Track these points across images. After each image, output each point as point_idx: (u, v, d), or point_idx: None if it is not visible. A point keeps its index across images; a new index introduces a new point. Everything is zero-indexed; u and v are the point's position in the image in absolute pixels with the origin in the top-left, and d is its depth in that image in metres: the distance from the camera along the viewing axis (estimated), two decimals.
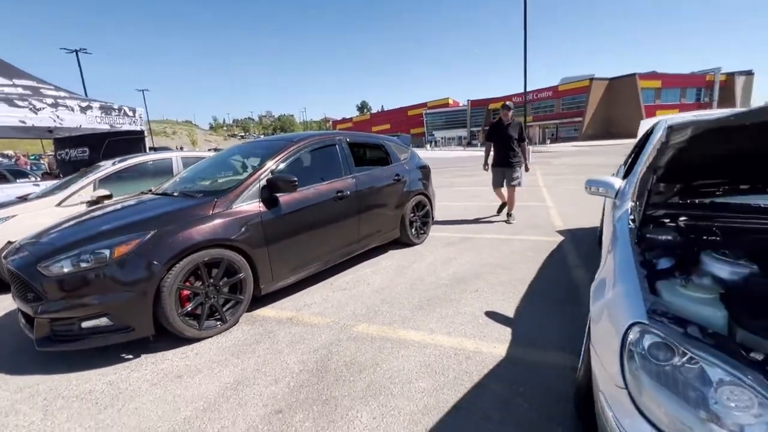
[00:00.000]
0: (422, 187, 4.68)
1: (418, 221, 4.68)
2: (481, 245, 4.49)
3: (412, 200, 4.51)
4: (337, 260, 3.60)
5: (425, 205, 4.75)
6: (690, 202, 1.86)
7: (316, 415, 1.79)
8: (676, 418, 0.96)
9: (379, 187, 4.04)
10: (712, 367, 0.99)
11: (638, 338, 1.12)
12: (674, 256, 1.52)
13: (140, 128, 7.61)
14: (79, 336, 2.27)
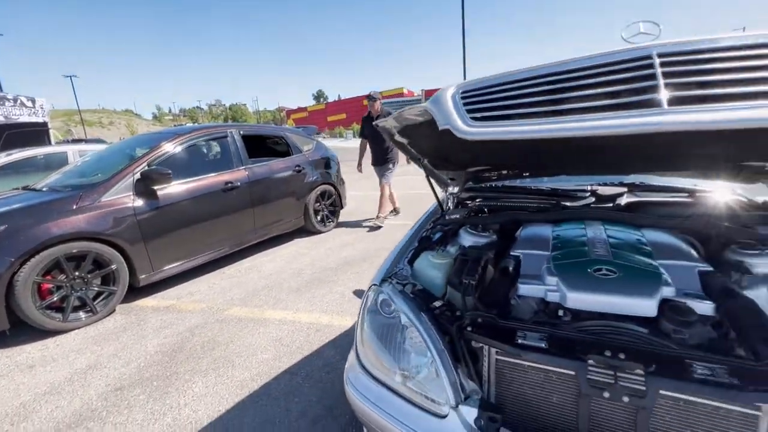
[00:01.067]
0: (327, 178, 4.88)
1: (324, 210, 4.88)
2: (382, 232, 4.78)
3: (317, 190, 4.69)
4: (230, 250, 3.72)
5: (331, 194, 4.95)
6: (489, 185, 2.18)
7: (153, 389, 1.95)
8: (382, 361, 1.23)
9: (278, 178, 4.18)
10: (402, 314, 1.26)
11: (368, 297, 1.38)
12: (445, 232, 1.82)
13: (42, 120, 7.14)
14: None
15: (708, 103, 0.59)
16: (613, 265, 1.26)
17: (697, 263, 1.25)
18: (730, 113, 0.55)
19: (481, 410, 1.01)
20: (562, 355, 0.98)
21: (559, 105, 0.72)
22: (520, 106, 0.77)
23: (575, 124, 0.68)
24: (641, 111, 0.63)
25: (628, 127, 0.62)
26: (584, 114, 0.69)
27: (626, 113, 0.64)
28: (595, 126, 0.65)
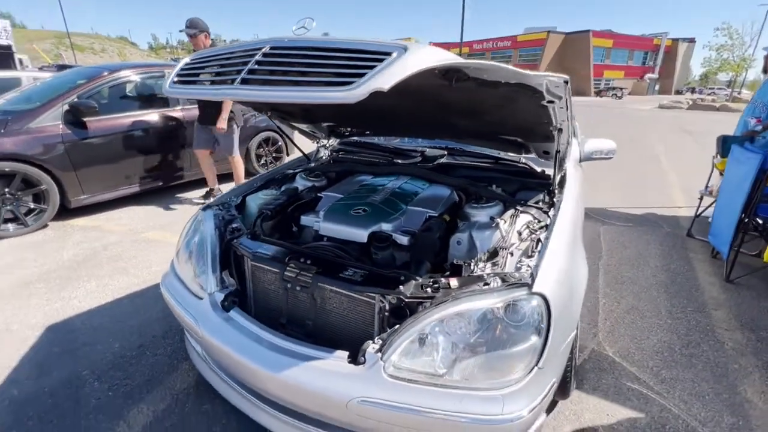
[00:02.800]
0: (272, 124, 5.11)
1: (268, 156, 5.17)
2: None
3: (260, 136, 4.95)
4: (164, 184, 4.07)
5: (276, 141, 5.22)
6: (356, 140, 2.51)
7: (54, 285, 2.40)
8: (185, 266, 1.62)
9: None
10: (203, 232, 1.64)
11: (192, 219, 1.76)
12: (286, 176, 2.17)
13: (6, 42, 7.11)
14: None
15: (256, 85, 0.91)
16: (370, 207, 1.64)
17: (431, 210, 1.62)
18: (270, 93, 0.88)
19: (226, 295, 1.42)
20: (278, 261, 1.38)
21: (208, 77, 1.05)
22: (207, 73, 1.09)
23: (198, 90, 1.02)
24: (223, 86, 0.96)
25: (209, 95, 0.96)
26: (212, 85, 1.02)
27: (217, 87, 0.97)
28: (202, 92, 0.99)
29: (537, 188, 1.79)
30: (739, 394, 1.64)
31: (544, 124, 1.41)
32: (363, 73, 0.83)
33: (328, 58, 0.90)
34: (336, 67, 0.87)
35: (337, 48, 0.91)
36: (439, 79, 1.01)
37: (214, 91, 0.99)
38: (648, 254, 2.98)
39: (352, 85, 0.81)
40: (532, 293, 1.11)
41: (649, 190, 4.79)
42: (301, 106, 1.88)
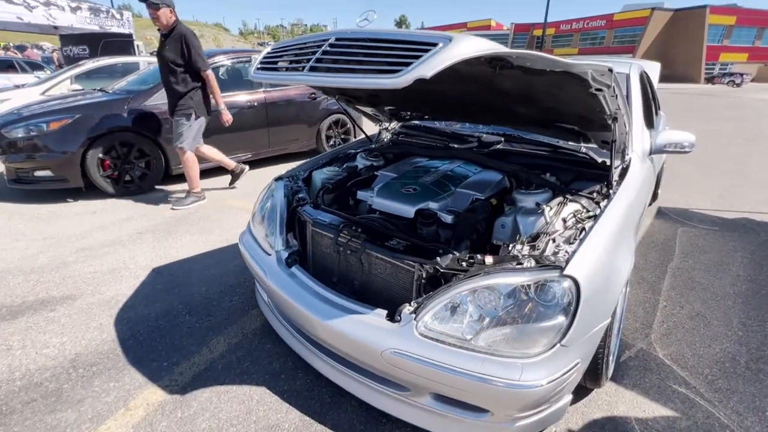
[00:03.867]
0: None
1: (337, 137, 5.49)
2: None
3: (331, 118, 5.26)
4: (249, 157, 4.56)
5: (345, 123, 5.50)
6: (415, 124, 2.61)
7: (159, 236, 2.91)
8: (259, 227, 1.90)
9: (292, 102, 4.81)
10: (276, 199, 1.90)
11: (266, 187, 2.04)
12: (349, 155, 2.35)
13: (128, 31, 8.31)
14: (34, 180, 3.44)
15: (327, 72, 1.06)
16: (420, 186, 1.76)
17: (477, 193, 1.70)
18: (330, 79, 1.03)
19: (290, 254, 1.66)
20: (334, 228, 1.57)
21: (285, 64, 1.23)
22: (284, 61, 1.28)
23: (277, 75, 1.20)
24: (295, 72, 1.12)
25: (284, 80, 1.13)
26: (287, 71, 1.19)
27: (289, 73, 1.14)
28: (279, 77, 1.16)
29: (595, 179, 1.75)
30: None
31: (598, 113, 1.39)
32: (410, 62, 0.94)
33: (384, 49, 1.03)
34: (388, 56, 1.00)
35: (391, 39, 1.03)
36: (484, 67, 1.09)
37: (287, 77, 1.18)
38: (731, 262, 2.69)
39: (398, 73, 0.93)
40: (563, 275, 1.16)
41: (752, 193, 4.21)
42: (365, 91, 2.03)
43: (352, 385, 1.47)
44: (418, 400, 1.32)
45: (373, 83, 0.96)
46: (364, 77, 0.98)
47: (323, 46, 1.13)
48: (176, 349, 1.80)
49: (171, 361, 1.72)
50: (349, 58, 1.09)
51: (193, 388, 1.58)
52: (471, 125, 2.60)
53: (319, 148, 5.32)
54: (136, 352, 1.77)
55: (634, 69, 2.42)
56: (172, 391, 1.57)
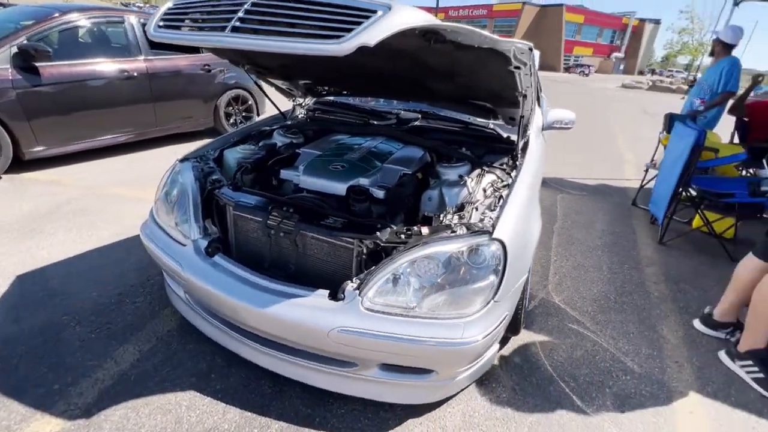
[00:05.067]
0: (244, 83, 4.93)
1: (239, 115, 5.03)
2: None
3: (229, 93, 4.78)
4: (128, 139, 3.89)
5: (246, 100, 5.06)
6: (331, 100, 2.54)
7: (16, 234, 2.34)
8: (165, 214, 1.65)
9: (182, 74, 4.22)
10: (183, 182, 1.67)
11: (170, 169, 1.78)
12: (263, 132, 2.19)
13: None
14: None
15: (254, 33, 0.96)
16: (348, 163, 1.72)
17: (405, 168, 1.73)
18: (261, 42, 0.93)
19: (210, 242, 1.49)
20: (261, 210, 1.45)
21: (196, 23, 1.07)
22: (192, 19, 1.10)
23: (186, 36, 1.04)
24: (214, 33, 0.99)
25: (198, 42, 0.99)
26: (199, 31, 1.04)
27: (207, 33, 1.00)
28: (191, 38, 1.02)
29: (502, 152, 1.94)
30: (657, 332, 1.95)
31: (510, 89, 1.53)
32: (350, 28, 0.90)
33: (316, 11, 0.95)
34: (324, 20, 0.93)
35: (325, 2, 0.96)
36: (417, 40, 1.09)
37: (203, 38, 1.02)
38: (597, 220, 3.29)
39: (340, 39, 0.88)
40: (492, 239, 1.27)
41: (605, 164, 5.14)
42: (279, 61, 1.88)
43: (295, 370, 1.42)
44: (365, 373, 1.34)
45: (313, 49, 0.89)
46: (302, 42, 0.90)
47: (245, 4, 1.00)
48: (69, 367, 1.49)
49: (63, 382, 1.43)
50: (276, 19, 0.98)
51: (100, 407, 1.34)
52: (386, 102, 2.62)
53: (218, 127, 4.81)
54: (10, 382, 1.42)
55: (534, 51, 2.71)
56: (73, 416, 1.31)
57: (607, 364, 1.72)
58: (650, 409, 1.52)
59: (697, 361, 1.77)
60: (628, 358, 1.76)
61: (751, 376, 1.66)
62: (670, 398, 1.57)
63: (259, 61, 1.92)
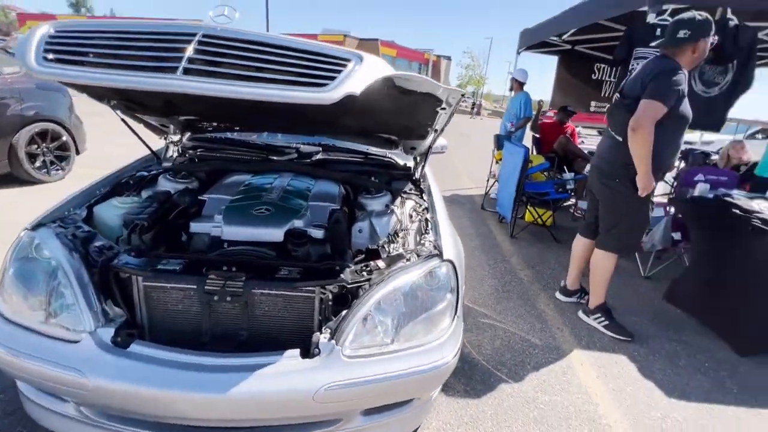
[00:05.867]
0: (53, 113, 3.88)
1: (49, 155, 3.90)
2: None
3: (32, 127, 3.67)
4: None
5: (59, 135, 3.98)
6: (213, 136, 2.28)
7: None
8: (26, 304, 1.17)
9: None
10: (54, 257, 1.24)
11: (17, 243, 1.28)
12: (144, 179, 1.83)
13: None
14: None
15: (208, 77, 0.84)
16: (272, 206, 1.59)
17: (332, 204, 1.71)
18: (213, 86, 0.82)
19: (117, 330, 1.14)
20: (191, 273, 1.21)
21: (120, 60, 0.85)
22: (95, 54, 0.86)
23: (116, 77, 0.83)
24: (162, 74, 0.83)
25: (146, 84, 0.82)
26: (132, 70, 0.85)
27: (151, 74, 0.84)
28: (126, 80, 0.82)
29: (402, 178, 2.12)
30: (538, 309, 2.45)
31: (426, 125, 1.72)
32: (332, 76, 0.88)
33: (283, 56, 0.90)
34: (297, 66, 0.88)
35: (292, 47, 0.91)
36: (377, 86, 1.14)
37: (146, 80, 0.81)
38: (463, 225, 3.88)
39: (326, 88, 0.86)
40: (443, 261, 1.40)
41: (447, 177, 6.09)
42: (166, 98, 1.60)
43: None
44: (349, 426, 1.26)
45: (300, 97, 0.83)
46: (283, 89, 0.83)
47: (192, 43, 0.85)
48: None
49: None
50: (232, 61, 0.87)
51: None
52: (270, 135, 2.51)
53: (18, 172, 3.62)
54: None
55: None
56: None
57: (519, 344, 2.08)
58: (558, 370, 1.91)
59: (569, 324, 2.32)
60: (530, 335, 2.16)
61: (602, 324, 2.27)
62: (567, 356, 2.01)
63: (138, 98, 1.59)
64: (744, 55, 2.48)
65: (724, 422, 1.69)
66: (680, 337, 2.27)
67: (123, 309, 1.23)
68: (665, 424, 1.65)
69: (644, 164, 1.90)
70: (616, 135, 2.01)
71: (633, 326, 2.27)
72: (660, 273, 2.98)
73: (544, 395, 1.74)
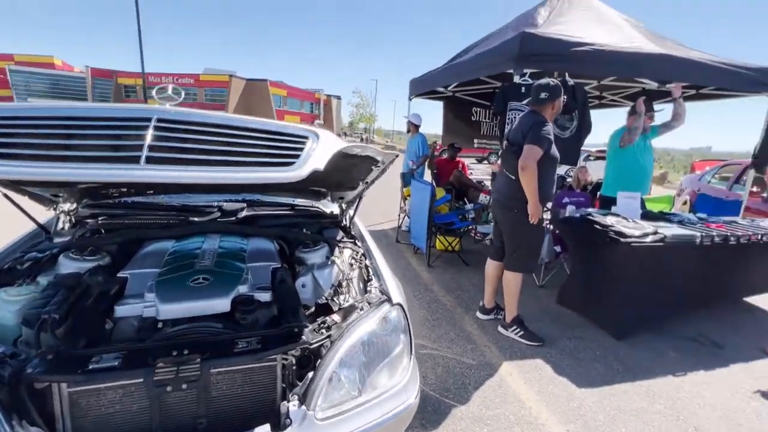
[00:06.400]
0: None
1: None
2: None
3: None
4: None
5: None
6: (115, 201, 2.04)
7: None
8: None
9: None
10: None
11: None
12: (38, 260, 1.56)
13: None
14: None
15: (176, 164, 0.84)
16: (209, 273, 1.50)
17: (272, 262, 1.69)
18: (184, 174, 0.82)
19: None
20: (132, 367, 1.08)
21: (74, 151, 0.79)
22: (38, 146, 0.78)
23: (66, 170, 0.77)
24: (124, 165, 0.81)
25: (110, 177, 0.78)
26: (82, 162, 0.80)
27: (112, 165, 0.80)
28: (85, 174, 0.77)
29: (333, 227, 2.21)
30: (465, 330, 2.70)
31: (360, 179, 1.84)
32: (296, 154, 0.95)
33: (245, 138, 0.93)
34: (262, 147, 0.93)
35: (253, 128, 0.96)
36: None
37: (108, 173, 0.75)
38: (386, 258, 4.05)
39: (293, 166, 0.92)
40: (393, 305, 1.50)
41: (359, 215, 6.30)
42: None
43: None
44: None
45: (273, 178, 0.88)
46: (259, 172, 0.87)
47: (149, 129, 0.83)
48: None
49: None
50: (199, 146, 0.88)
51: None
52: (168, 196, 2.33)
53: None
54: None
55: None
56: None
57: (457, 368, 2.26)
58: (494, 385, 2.13)
59: (493, 340, 2.60)
60: (465, 357, 2.36)
61: (518, 335, 2.61)
62: (498, 371, 2.25)
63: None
64: (581, 106, 3.27)
65: (619, 397, 2.09)
66: (576, 333, 2.74)
67: (40, 425, 1.02)
68: (582, 411, 1.97)
69: (533, 196, 2.33)
70: (509, 174, 2.44)
71: (540, 330, 2.66)
72: (551, 281, 3.55)
73: (488, 411, 1.92)
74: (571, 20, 3.49)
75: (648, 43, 3.40)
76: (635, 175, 3.35)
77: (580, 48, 2.96)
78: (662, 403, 2.07)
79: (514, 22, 4.07)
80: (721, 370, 2.39)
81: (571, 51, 2.95)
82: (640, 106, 3.21)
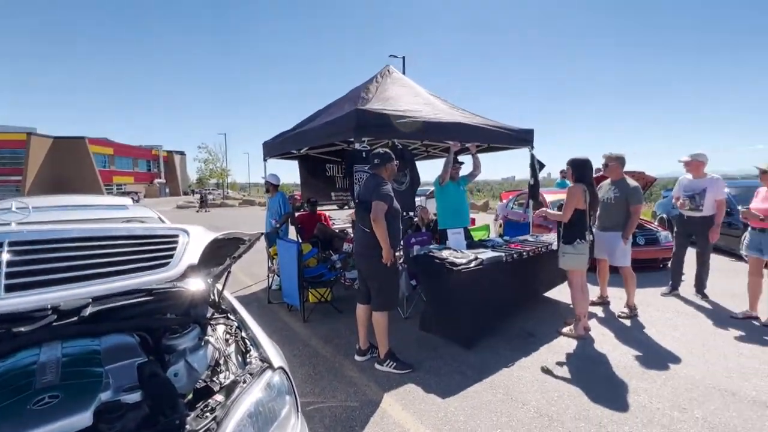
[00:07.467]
0: None
1: None
2: None
3: None
4: None
5: None
6: None
7: None
8: None
9: None
10: None
11: None
12: None
13: None
14: None
15: (39, 287, 0.86)
16: (57, 389, 1.34)
17: (137, 357, 1.59)
18: (56, 294, 0.85)
19: None
20: None
21: None
22: None
23: None
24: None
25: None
26: None
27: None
28: None
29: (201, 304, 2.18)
30: (346, 376, 2.89)
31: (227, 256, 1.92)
32: (169, 254, 1.05)
33: (115, 246, 0.99)
34: (134, 254, 1.00)
35: (121, 236, 1.02)
36: None
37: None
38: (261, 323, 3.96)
39: (169, 266, 1.02)
40: (275, 370, 1.62)
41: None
42: None
43: None
44: None
45: (152, 281, 0.96)
46: (137, 278, 0.93)
47: (1, 254, 0.82)
48: None
49: None
50: (66, 264, 0.90)
51: None
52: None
53: None
54: None
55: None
56: None
57: (344, 414, 2.42)
58: (378, 419, 2.36)
59: (372, 378, 2.87)
60: (349, 401, 2.55)
61: (392, 368, 2.94)
62: (380, 405, 2.50)
63: None
64: (410, 163, 4.06)
65: (472, 397, 2.59)
66: (437, 353, 3.24)
67: None
68: (447, 417, 2.37)
69: (385, 243, 2.77)
70: (364, 228, 2.85)
71: (409, 358, 3.06)
72: (413, 311, 4.08)
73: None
74: (394, 96, 4.35)
75: (450, 112, 4.50)
76: (456, 209, 4.31)
77: (401, 120, 3.74)
78: (501, 391, 2.65)
79: (350, 94, 4.79)
80: (534, 354, 3.20)
81: (396, 122, 3.70)
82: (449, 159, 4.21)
